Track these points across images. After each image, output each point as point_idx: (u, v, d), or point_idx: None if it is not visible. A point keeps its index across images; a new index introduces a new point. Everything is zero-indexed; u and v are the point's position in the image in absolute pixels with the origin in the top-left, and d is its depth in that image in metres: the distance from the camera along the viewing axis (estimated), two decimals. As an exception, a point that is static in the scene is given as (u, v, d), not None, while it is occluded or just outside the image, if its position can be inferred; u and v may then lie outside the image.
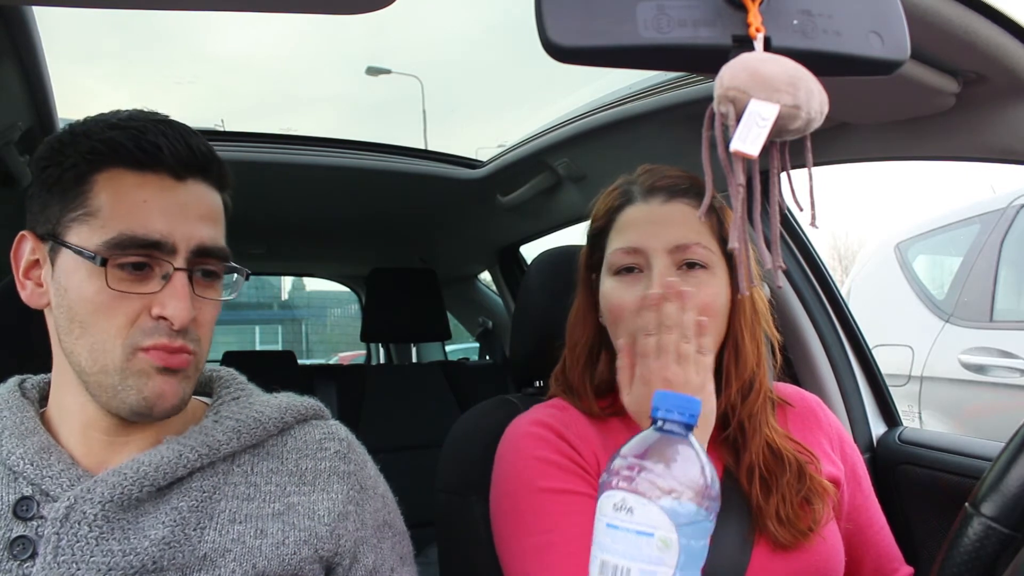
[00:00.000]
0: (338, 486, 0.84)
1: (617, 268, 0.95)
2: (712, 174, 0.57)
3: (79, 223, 0.75)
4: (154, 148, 0.75)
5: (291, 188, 2.17)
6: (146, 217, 0.74)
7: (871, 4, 0.54)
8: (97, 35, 29.57)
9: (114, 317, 0.74)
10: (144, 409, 0.75)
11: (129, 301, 0.74)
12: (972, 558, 0.76)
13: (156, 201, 0.75)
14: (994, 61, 0.92)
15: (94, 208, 0.74)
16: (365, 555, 0.85)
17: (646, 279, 0.92)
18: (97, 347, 0.74)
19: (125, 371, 0.74)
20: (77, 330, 0.74)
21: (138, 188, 0.75)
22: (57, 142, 0.78)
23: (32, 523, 0.72)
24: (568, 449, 0.93)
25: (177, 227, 0.75)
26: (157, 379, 0.75)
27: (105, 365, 0.74)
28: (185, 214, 0.76)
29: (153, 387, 0.74)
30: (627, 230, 0.96)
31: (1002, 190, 3.55)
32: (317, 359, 9.43)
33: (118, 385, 0.74)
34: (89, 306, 0.74)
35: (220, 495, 0.79)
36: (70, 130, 0.78)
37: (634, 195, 0.98)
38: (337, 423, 0.91)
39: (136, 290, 0.74)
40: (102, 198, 0.74)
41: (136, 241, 0.73)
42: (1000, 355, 3.04)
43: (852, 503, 1.03)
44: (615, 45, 0.49)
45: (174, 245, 0.75)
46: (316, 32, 34.53)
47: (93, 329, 0.74)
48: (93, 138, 0.76)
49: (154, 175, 0.76)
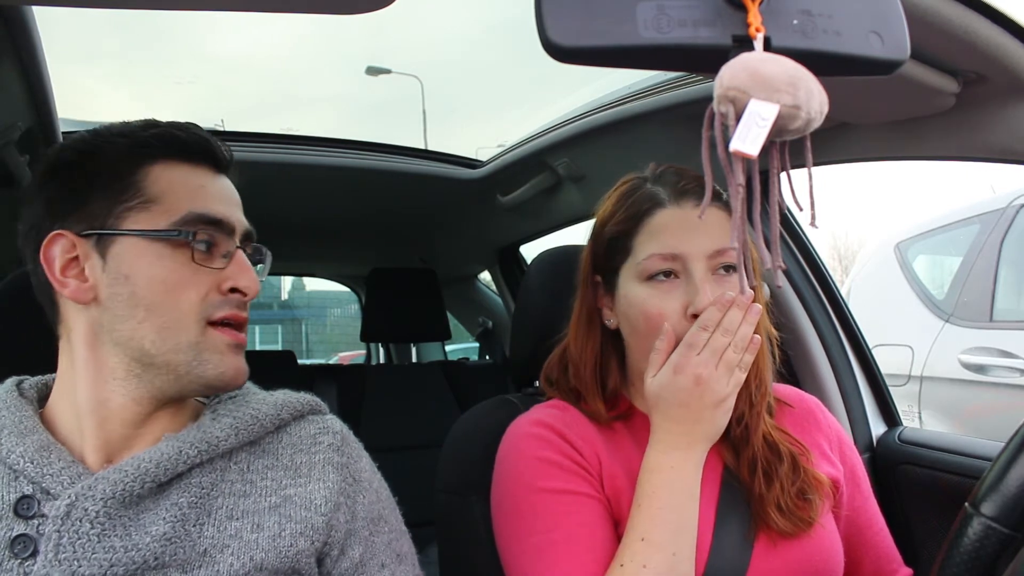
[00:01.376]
0: (333, 476, 0.85)
1: (652, 274, 0.92)
2: (712, 174, 0.57)
3: (137, 211, 0.79)
4: (205, 142, 0.84)
5: (291, 188, 2.17)
6: (207, 200, 0.81)
7: (871, 4, 0.54)
8: (97, 35, 29.59)
9: (188, 293, 0.79)
10: (221, 384, 0.81)
11: (201, 277, 0.79)
12: (972, 558, 0.77)
13: (210, 187, 0.83)
14: (994, 61, 0.92)
15: (152, 195, 0.79)
16: (353, 547, 0.85)
17: (683, 284, 0.91)
18: (169, 325, 0.78)
19: (199, 346, 0.79)
20: (141, 313, 0.77)
21: (192, 176, 0.82)
22: (83, 145, 0.81)
23: (33, 521, 0.73)
24: (570, 449, 0.93)
25: (229, 211, 0.83)
26: (230, 356, 0.81)
27: (179, 343, 0.78)
28: (231, 201, 0.85)
29: (229, 363, 0.81)
30: (662, 235, 0.92)
31: (1002, 190, 3.55)
32: (317, 359, 9.44)
33: (193, 361, 0.79)
34: (161, 286, 0.78)
35: (217, 492, 0.79)
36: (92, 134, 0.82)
37: (662, 198, 0.94)
38: (333, 417, 0.92)
39: (209, 265, 0.80)
40: (160, 185, 0.80)
41: (204, 219, 0.80)
42: (1000, 355, 3.04)
43: (851, 504, 1.03)
44: (615, 45, 0.49)
45: (232, 226, 0.83)
46: (316, 32, 34.58)
47: (162, 308, 0.78)
48: (136, 136, 0.81)
49: (203, 166, 0.83)
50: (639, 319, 0.93)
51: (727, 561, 0.89)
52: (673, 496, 0.85)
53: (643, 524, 0.85)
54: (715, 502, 0.93)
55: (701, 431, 0.87)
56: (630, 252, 0.95)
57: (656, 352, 0.89)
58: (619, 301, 0.97)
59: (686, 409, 0.86)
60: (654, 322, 0.91)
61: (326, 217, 2.55)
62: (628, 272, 0.95)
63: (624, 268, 0.96)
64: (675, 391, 0.86)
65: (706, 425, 0.86)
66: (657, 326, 0.90)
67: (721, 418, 0.87)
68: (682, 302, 0.90)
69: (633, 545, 0.84)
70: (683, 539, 0.85)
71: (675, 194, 0.94)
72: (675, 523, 0.85)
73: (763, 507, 0.91)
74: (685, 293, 0.90)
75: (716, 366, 0.85)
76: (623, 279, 0.96)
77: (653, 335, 0.90)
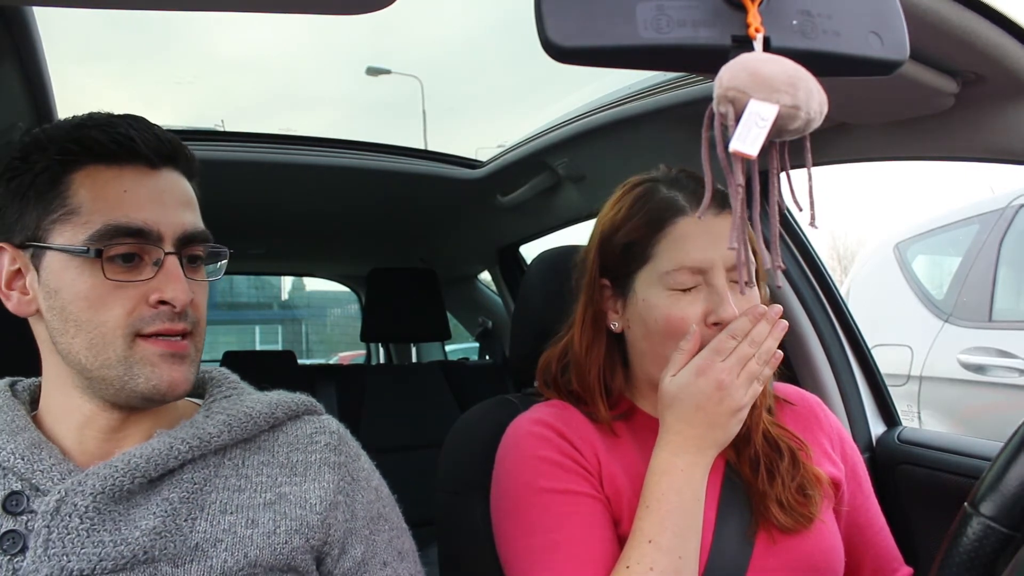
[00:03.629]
0: (329, 476, 0.85)
1: (676, 285, 0.92)
2: (712, 174, 0.57)
3: (61, 223, 0.75)
4: (127, 140, 0.77)
5: (291, 188, 2.17)
6: (128, 207, 0.75)
7: (871, 4, 0.54)
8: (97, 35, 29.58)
9: (111, 309, 0.75)
10: (157, 396, 0.77)
11: (125, 291, 0.75)
12: (971, 558, 0.77)
13: (136, 191, 0.76)
14: (994, 61, 0.92)
15: (74, 206, 0.75)
16: (354, 546, 0.85)
17: (705, 292, 0.91)
18: (96, 342, 0.75)
19: (129, 360, 0.75)
20: (72, 329, 0.75)
21: (116, 180, 0.76)
22: (20, 151, 0.78)
23: (22, 517, 0.73)
24: (570, 449, 0.94)
25: (160, 215, 0.77)
26: (164, 367, 0.76)
27: (107, 359, 0.75)
28: (165, 202, 0.78)
29: (162, 375, 0.76)
30: (686, 245, 0.92)
31: (1001, 190, 3.55)
32: (317, 359, 9.43)
33: (124, 376, 0.75)
34: (83, 303, 0.75)
35: (211, 487, 0.79)
36: (32, 138, 0.79)
37: (682, 204, 0.93)
38: (329, 417, 0.92)
39: (132, 278, 0.75)
40: (81, 195, 0.75)
41: (122, 230, 0.75)
42: (999, 355, 3.04)
43: (852, 504, 1.03)
44: (615, 45, 0.49)
45: (160, 233, 0.76)
46: (316, 32, 34.58)
47: (89, 325, 0.75)
48: (61, 140, 0.76)
49: (130, 167, 0.77)
50: (660, 325, 0.92)
51: (728, 559, 0.89)
52: (682, 500, 0.85)
53: (651, 527, 0.85)
54: (716, 500, 0.93)
55: (713, 437, 0.87)
56: (649, 259, 0.94)
57: (680, 352, 0.89)
58: (634, 305, 0.95)
59: (703, 413, 0.86)
60: (676, 328, 0.91)
61: (326, 217, 2.55)
62: (648, 278, 0.94)
63: (642, 273, 0.95)
64: (694, 393, 0.86)
65: (719, 432, 0.86)
66: (678, 332, 0.90)
67: (734, 426, 0.87)
68: (703, 309, 0.91)
69: (640, 547, 0.84)
70: (689, 543, 0.85)
71: (695, 201, 0.93)
72: (682, 527, 0.85)
73: (764, 503, 0.92)
74: (707, 301, 0.91)
75: (738, 375, 0.85)
76: (640, 284, 0.95)
77: (672, 341, 0.90)
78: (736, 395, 0.85)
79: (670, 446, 0.88)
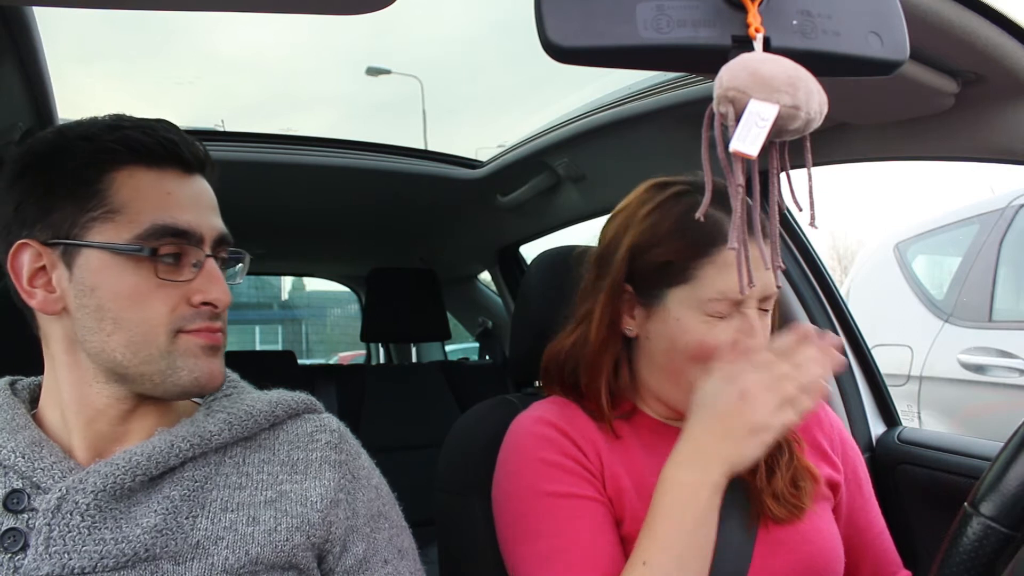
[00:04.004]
0: (330, 474, 0.85)
1: (717, 314, 0.89)
2: (712, 175, 0.57)
3: (102, 221, 0.76)
4: (171, 144, 0.79)
5: (291, 188, 2.17)
6: (173, 208, 0.78)
7: (870, 4, 0.54)
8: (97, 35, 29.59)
9: (154, 307, 0.76)
10: (197, 389, 0.79)
11: (166, 290, 0.77)
12: (971, 558, 0.77)
13: (177, 193, 0.79)
14: (993, 61, 0.92)
15: (116, 205, 0.76)
16: (355, 544, 0.85)
17: (738, 317, 0.89)
18: (137, 339, 0.76)
19: (172, 354, 0.77)
20: (109, 327, 0.76)
21: (158, 182, 0.78)
22: (48, 147, 0.78)
23: (23, 515, 0.73)
24: (573, 449, 0.93)
25: (200, 217, 0.79)
26: (204, 360, 0.79)
27: (149, 354, 0.76)
28: (202, 205, 0.81)
29: (203, 367, 0.79)
30: (733, 274, 0.84)
31: (1001, 190, 3.55)
32: (317, 359, 9.43)
33: (167, 370, 0.77)
34: (125, 301, 0.76)
35: (212, 485, 0.79)
36: (60, 135, 0.79)
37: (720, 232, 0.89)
38: (329, 416, 0.92)
39: (175, 278, 0.77)
40: (124, 194, 0.76)
41: (168, 230, 0.77)
42: (999, 355, 3.04)
43: (852, 506, 1.03)
44: (615, 45, 0.49)
45: (201, 234, 0.79)
46: (316, 32, 34.59)
47: (130, 323, 0.76)
48: (100, 139, 0.77)
49: (170, 170, 0.79)
50: (691, 348, 0.90)
51: (729, 563, 0.89)
52: (684, 521, 0.81)
53: (648, 547, 0.81)
54: (719, 503, 0.93)
55: (727, 451, 0.81)
56: (689, 280, 0.90)
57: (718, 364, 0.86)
58: (663, 321, 0.93)
59: (720, 421, 0.81)
60: (707, 354, 0.88)
61: (326, 217, 2.55)
62: (685, 299, 0.91)
63: (677, 292, 0.91)
64: (718, 398, 0.82)
65: (733, 447, 0.80)
66: (707, 357, 0.87)
67: (752, 447, 0.80)
68: (733, 334, 0.89)
69: (635, 568, 0.81)
70: (689, 566, 0.80)
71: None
72: (681, 551, 0.80)
73: (760, 498, 0.92)
74: (737, 327, 0.89)
75: (768, 389, 0.80)
76: (674, 302, 0.92)
77: (697, 365, 0.88)
78: (761, 410, 0.79)
79: (680, 456, 0.83)
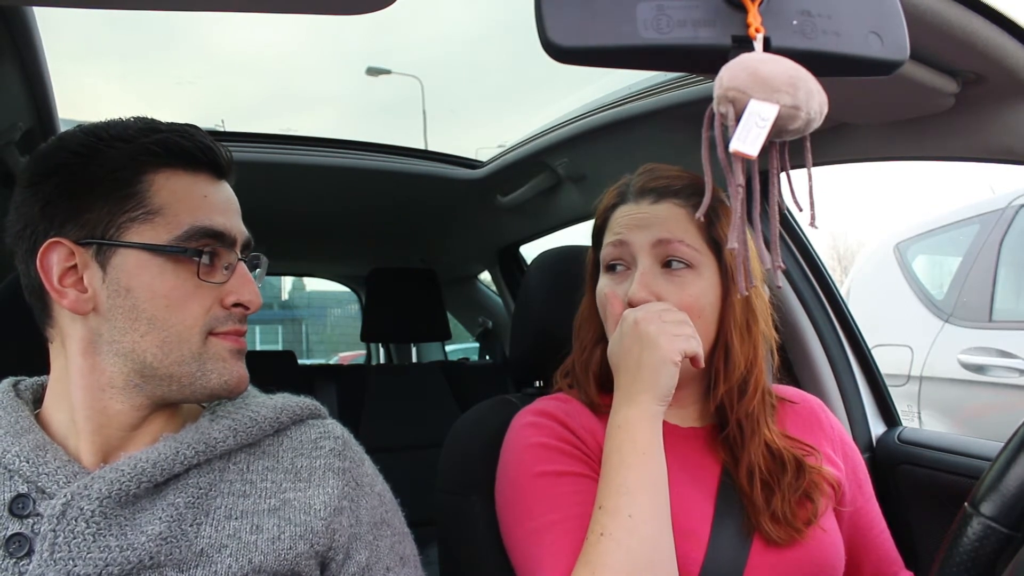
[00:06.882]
0: (333, 481, 0.85)
1: (606, 264, 0.99)
2: (712, 174, 0.57)
3: (140, 222, 0.77)
4: (209, 149, 0.81)
5: (291, 188, 2.17)
6: (209, 211, 0.79)
7: (871, 4, 0.54)
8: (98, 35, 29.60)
9: (191, 309, 0.78)
10: (225, 392, 0.80)
11: (202, 292, 0.78)
12: (971, 558, 0.77)
13: (212, 197, 0.81)
14: (993, 62, 0.92)
15: (156, 206, 0.77)
16: (359, 551, 0.85)
17: (631, 275, 0.95)
18: (170, 340, 0.77)
19: (203, 356, 0.78)
20: (143, 327, 0.76)
21: (195, 185, 0.80)
22: (82, 147, 0.77)
23: (28, 520, 0.72)
24: (568, 434, 0.94)
25: (231, 221, 0.82)
26: (232, 363, 0.80)
27: (181, 356, 0.77)
28: (231, 209, 0.83)
29: (232, 371, 0.80)
30: (616, 227, 0.99)
31: (1001, 190, 3.55)
32: (317, 359, 9.43)
33: (196, 372, 0.78)
34: (164, 301, 0.76)
35: (216, 492, 0.79)
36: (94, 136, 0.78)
37: (628, 195, 1.00)
38: (334, 422, 0.92)
39: (211, 280, 0.79)
40: (163, 196, 0.78)
41: (208, 232, 0.78)
42: (999, 355, 3.04)
43: (853, 506, 1.02)
44: (615, 45, 0.49)
45: (234, 237, 0.81)
46: (316, 32, 34.62)
47: (165, 324, 0.76)
48: (138, 141, 0.78)
49: (203, 174, 0.81)
50: (603, 305, 0.99)
51: (724, 560, 0.89)
52: (624, 457, 0.84)
53: (602, 490, 0.84)
54: (713, 499, 0.93)
55: (643, 380, 0.86)
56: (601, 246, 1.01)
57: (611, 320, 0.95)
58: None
59: (628, 356, 0.88)
60: (601, 305, 0.98)
61: (326, 217, 2.55)
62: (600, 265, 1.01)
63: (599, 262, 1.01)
64: (619, 339, 0.90)
65: (647, 374, 0.86)
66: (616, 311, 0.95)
67: (666, 376, 0.86)
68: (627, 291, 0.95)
69: (595, 515, 0.83)
70: (638, 500, 0.82)
71: (637, 191, 0.99)
72: (628, 484, 0.83)
73: (757, 517, 0.91)
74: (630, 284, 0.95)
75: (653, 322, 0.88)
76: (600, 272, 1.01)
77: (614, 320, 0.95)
78: (651, 328, 0.87)
79: (615, 403, 0.89)
